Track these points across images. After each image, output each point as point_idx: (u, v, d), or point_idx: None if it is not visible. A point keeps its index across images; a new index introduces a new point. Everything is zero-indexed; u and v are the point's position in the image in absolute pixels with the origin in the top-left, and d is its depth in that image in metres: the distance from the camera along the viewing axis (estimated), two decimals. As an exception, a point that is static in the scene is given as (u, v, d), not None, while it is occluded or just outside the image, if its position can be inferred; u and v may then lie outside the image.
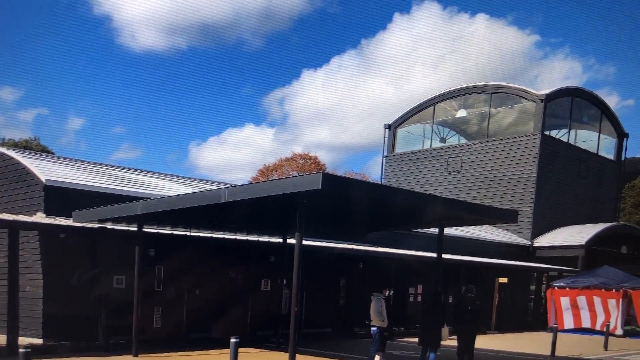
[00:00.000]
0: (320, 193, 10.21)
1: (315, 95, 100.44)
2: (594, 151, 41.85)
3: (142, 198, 16.57)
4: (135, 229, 16.25)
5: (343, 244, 23.62)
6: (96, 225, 16.88)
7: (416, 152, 43.74)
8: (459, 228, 31.80)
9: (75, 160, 21.97)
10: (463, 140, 43.39)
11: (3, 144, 44.64)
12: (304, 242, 12.37)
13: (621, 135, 43.39)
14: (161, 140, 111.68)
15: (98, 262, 17.09)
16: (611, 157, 43.55)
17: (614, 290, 28.91)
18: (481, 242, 34.23)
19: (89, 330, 16.87)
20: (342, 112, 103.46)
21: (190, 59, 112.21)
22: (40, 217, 17.10)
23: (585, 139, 41.85)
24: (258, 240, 20.80)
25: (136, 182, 21.40)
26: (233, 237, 20.20)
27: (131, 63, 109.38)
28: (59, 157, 22.56)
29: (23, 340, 15.14)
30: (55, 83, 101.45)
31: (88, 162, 22.30)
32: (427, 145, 43.60)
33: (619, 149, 43.70)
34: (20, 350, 9.36)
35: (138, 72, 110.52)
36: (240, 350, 11.74)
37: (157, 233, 18.01)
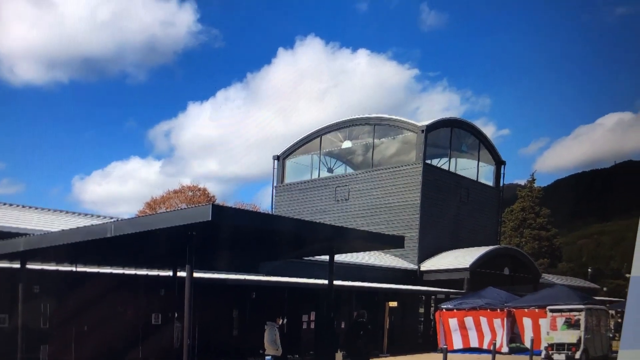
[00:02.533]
0: (210, 225, 10.22)
1: (203, 128, 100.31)
2: (474, 178, 43.61)
3: (25, 234, 16.01)
4: (18, 265, 15.66)
5: (235, 274, 23.58)
6: (-25, 264, 16.16)
7: (305, 182, 44.35)
8: (349, 255, 32.35)
9: (-49, 197, 20.98)
10: (350, 170, 44.42)
11: None
12: (195, 275, 12.34)
13: (499, 162, 45.55)
14: (43, 175, 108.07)
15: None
16: (490, 183, 45.52)
17: (498, 310, 30.08)
18: (371, 268, 34.82)
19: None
20: (230, 144, 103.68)
21: (72, 92, 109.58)
22: None
23: (466, 166, 43.70)
24: (147, 275, 20.47)
25: (18, 218, 20.66)
26: (121, 271, 19.78)
27: (10, 97, 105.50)
28: None
29: None
30: None
31: (-35, 199, 21.36)
32: (315, 175, 44.33)
33: (497, 175, 45.80)
34: None
35: (17, 105, 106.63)
36: (132, 386, 11.55)
37: (42, 270, 17.43)
